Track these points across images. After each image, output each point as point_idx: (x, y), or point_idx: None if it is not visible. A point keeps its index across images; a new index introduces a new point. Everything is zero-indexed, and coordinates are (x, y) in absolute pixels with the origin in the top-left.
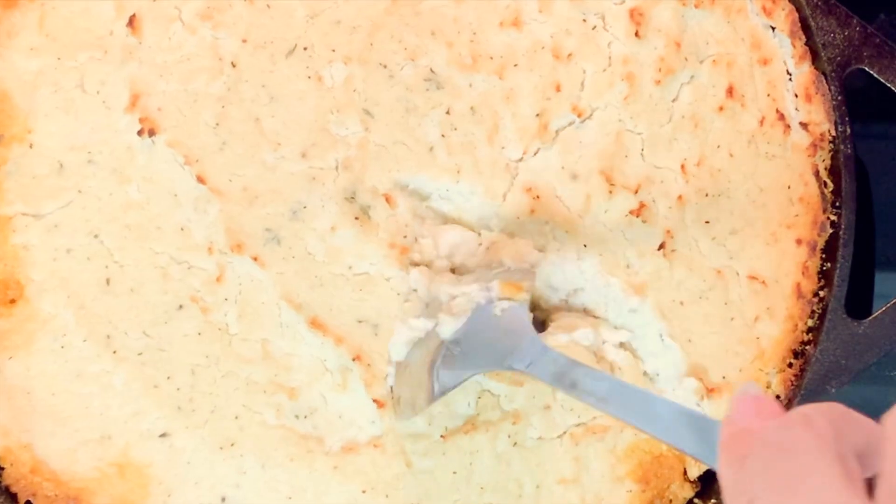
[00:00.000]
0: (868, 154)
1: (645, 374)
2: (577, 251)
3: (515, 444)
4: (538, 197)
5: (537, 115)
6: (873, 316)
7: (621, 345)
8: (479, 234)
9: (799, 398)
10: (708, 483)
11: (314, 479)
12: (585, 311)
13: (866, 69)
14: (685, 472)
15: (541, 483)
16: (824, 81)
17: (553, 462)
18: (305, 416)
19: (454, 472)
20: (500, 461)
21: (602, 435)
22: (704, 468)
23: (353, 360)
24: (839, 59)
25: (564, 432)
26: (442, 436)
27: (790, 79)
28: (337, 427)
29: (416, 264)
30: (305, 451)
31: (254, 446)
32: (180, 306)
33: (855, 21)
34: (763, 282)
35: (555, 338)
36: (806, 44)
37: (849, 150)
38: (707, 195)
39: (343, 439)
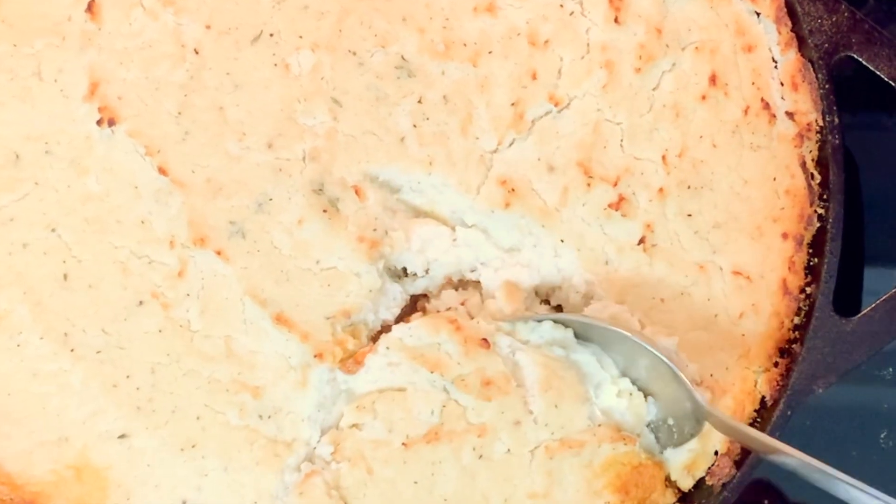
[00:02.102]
0: (857, 145)
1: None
2: (554, 247)
3: (481, 456)
4: (513, 190)
5: (512, 104)
6: (862, 313)
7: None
8: (453, 229)
9: (785, 398)
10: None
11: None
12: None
13: (855, 56)
14: (667, 479)
15: (509, 497)
16: (811, 69)
17: (522, 476)
18: (269, 417)
19: (415, 483)
20: (464, 473)
21: (578, 450)
22: (696, 479)
23: (315, 356)
24: (827, 45)
25: (537, 447)
26: (403, 443)
27: (776, 66)
28: (302, 430)
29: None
30: (272, 455)
31: (216, 448)
32: (140, 302)
33: (843, 6)
34: (748, 277)
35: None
36: (792, 30)
37: (837, 141)
38: (689, 187)
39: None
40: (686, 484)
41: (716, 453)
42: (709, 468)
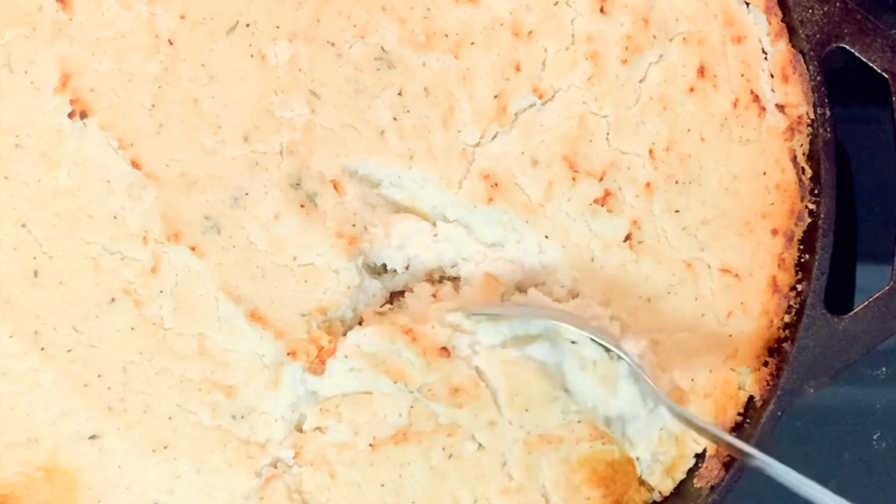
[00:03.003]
0: (849, 138)
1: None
2: (538, 243)
3: (451, 456)
4: (496, 184)
5: (495, 96)
6: (855, 311)
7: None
8: (434, 225)
9: (776, 399)
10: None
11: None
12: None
13: (847, 48)
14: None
15: (480, 496)
16: (802, 61)
17: (495, 473)
18: (243, 417)
19: (382, 485)
20: (434, 474)
21: (557, 445)
22: (676, 482)
23: (288, 354)
24: (818, 36)
25: (515, 443)
26: (370, 444)
27: (766, 58)
28: (276, 430)
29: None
30: (246, 457)
31: (188, 449)
32: (112, 299)
33: None
34: (736, 275)
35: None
36: (782, 20)
37: (828, 134)
38: (677, 182)
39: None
40: (666, 486)
41: (702, 456)
42: (696, 471)
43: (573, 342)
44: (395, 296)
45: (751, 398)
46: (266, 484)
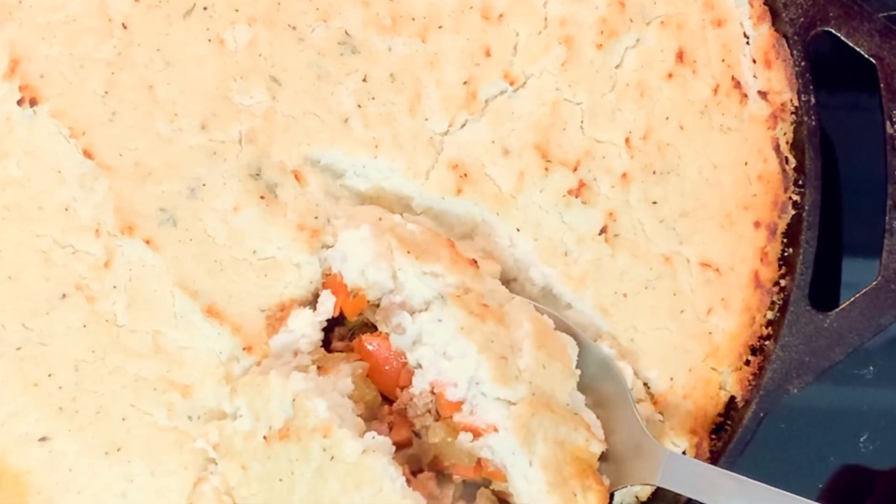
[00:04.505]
0: (835, 126)
1: None
2: (509, 236)
3: (333, 458)
4: (465, 175)
5: (465, 82)
6: (840, 307)
7: None
8: (401, 216)
9: (758, 399)
10: None
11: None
12: None
13: (833, 31)
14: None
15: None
16: (786, 45)
17: (376, 482)
18: (199, 417)
19: (280, 480)
20: (317, 475)
21: (558, 421)
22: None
23: (244, 350)
24: (802, 20)
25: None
26: (265, 436)
27: (747, 42)
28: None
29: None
30: (202, 459)
31: (143, 451)
32: (64, 295)
33: None
34: (717, 269)
35: None
36: (765, 3)
37: (813, 122)
38: (654, 172)
39: None
40: (644, 490)
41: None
42: None
43: None
44: None
45: (732, 399)
46: (193, 490)
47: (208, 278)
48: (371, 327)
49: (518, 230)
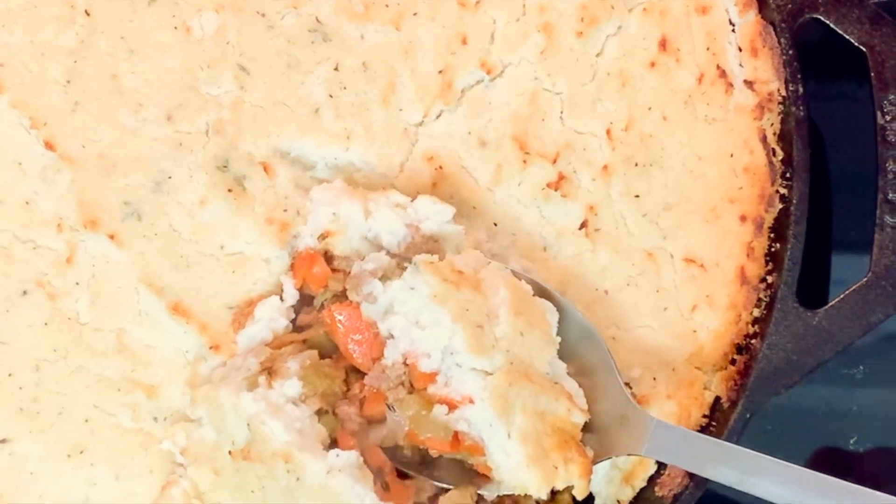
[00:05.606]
0: (823, 117)
1: None
2: (486, 231)
3: (298, 479)
4: (441, 167)
5: (440, 71)
6: (829, 305)
7: None
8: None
9: (744, 400)
10: None
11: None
12: None
13: (821, 19)
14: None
15: None
16: (773, 33)
17: (345, 501)
18: (165, 419)
19: (252, 492)
20: (287, 494)
21: (537, 391)
22: (637, 490)
23: (211, 348)
24: (790, 6)
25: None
26: (230, 451)
27: (733, 30)
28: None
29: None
30: (168, 462)
31: (106, 453)
32: (24, 292)
33: None
34: (701, 265)
35: None
36: None
37: (801, 113)
38: (636, 165)
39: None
40: (625, 495)
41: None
42: (657, 478)
43: None
44: None
45: (717, 399)
46: (162, 493)
47: (174, 275)
48: (343, 299)
49: (495, 224)
